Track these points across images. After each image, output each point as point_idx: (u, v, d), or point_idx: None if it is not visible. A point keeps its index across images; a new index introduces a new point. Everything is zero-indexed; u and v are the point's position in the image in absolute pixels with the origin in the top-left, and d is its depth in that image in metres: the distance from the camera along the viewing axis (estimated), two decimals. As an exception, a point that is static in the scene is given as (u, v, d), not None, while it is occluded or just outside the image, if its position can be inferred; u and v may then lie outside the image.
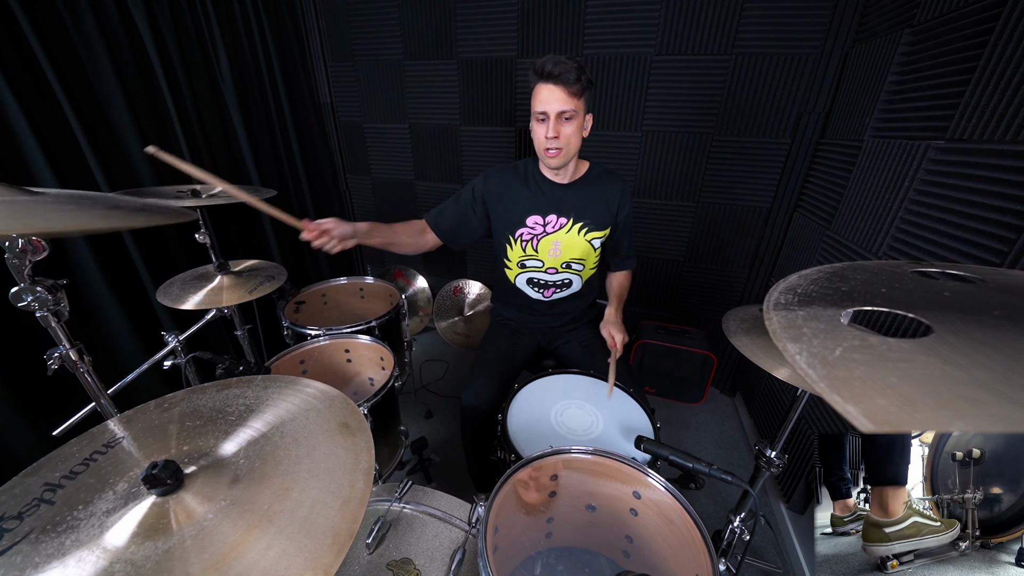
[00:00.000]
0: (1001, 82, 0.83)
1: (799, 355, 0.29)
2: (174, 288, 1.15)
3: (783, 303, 0.37)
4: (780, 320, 0.34)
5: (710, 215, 1.87)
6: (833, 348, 0.29)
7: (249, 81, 1.79)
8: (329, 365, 1.36)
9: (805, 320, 0.33)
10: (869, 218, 1.18)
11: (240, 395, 0.75)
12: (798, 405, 0.84)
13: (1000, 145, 0.83)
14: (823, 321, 0.33)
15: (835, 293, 0.38)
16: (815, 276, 0.43)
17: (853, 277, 0.41)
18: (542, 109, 1.08)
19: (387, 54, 2.03)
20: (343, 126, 2.29)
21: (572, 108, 1.06)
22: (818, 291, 0.39)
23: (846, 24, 1.42)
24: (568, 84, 1.04)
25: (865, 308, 0.35)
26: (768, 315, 0.35)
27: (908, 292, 0.38)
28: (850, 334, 0.30)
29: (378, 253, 2.63)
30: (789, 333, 0.32)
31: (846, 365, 0.27)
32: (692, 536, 0.62)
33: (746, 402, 1.95)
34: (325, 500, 0.55)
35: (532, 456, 0.71)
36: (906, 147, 1.07)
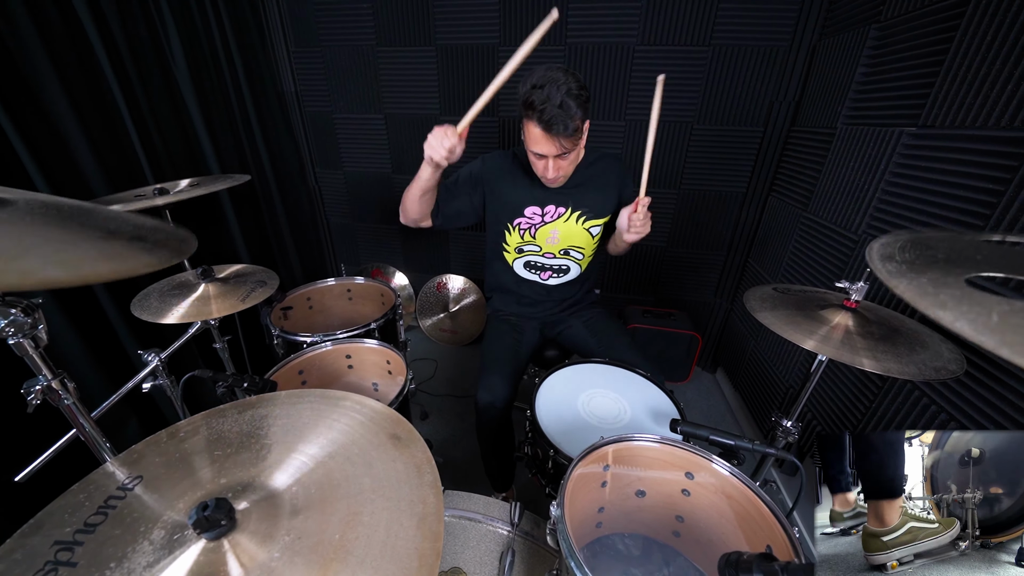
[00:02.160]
0: (969, 73, 0.93)
1: (957, 323, 0.30)
2: (151, 300, 1.02)
3: (894, 271, 0.39)
4: (912, 289, 0.35)
5: (690, 201, 1.95)
6: (987, 313, 0.30)
7: (204, 64, 1.60)
8: (330, 374, 1.27)
9: (935, 287, 0.35)
10: (847, 200, 1.28)
11: (266, 415, 0.68)
12: (816, 373, 0.90)
13: (970, 131, 0.92)
14: (952, 288, 0.34)
15: (934, 261, 0.40)
16: (899, 244, 0.45)
17: (936, 246, 0.44)
18: (537, 151, 1.03)
19: (358, 40, 1.90)
20: (310, 116, 2.13)
21: (570, 148, 1.02)
22: (918, 260, 0.41)
23: (812, 19, 1.52)
24: (566, 136, 0.97)
25: (987, 274, 0.38)
26: (896, 284, 0.36)
27: (999, 258, 0.41)
28: (990, 299, 0.31)
29: (352, 251, 2.50)
30: (929, 301, 0.33)
31: (1012, 330, 0.28)
32: (757, 509, 0.64)
33: (729, 376, 2.07)
34: (399, 520, 0.51)
35: (590, 447, 0.70)
36: (881, 133, 1.17)
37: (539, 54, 1.76)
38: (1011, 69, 0.84)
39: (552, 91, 0.93)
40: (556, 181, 1.14)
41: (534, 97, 0.95)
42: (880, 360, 0.73)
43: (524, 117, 1.01)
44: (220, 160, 1.68)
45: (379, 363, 1.29)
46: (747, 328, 1.88)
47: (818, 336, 0.80)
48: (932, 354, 0.73)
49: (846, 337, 0.79)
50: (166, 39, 1.46)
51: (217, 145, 1.66)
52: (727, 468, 0.69)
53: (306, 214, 2.27)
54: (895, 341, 0.77)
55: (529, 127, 1.01)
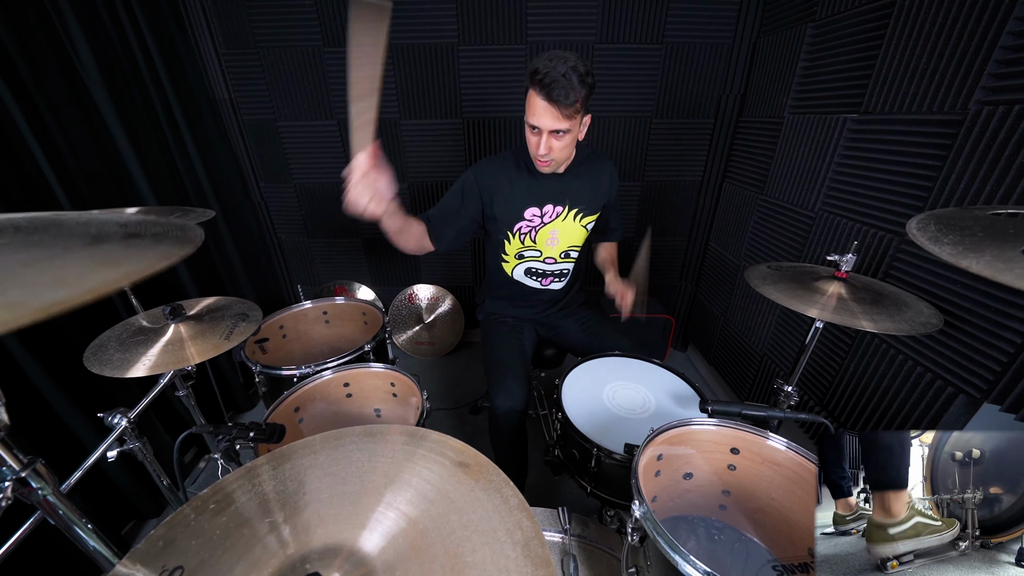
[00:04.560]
0: (902, 64, 1.07)
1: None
2: (109, 352, 0.85)
3: (957, 253, 0.44)
4: (985, 266, 0.40)
5: (653, 192, 2.05)
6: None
7: (121, 71, 1.38)
8: (328, 406, 1.16)
9: (1005, 263, 0.39)
10: (801, 182, 1.43)
11: (308, 466, 0.61)
12: (813, 339, 0.99)
13: (907, 115, 1.07)
14: (1018, 260, 0.39)
15: (977, 238, 0.46)
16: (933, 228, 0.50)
17: (965, 225, 0.50)
18: (534, 123, 1.03)
19: (301, 41, 1.75)
20: (249, 126, 1.92)
21: (567, 127, 1.02)
22: (963, 240, 0.46)
23: (751, 18, 1.67)
24: (565, 106, 0.98)
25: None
26: (968, 264, 0.41)
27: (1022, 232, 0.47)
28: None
29: (309, 271, 2.30)
30: (1015, 275, 0.37)
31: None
32: (807, 470, 0.70)
33: (701, 352, 2.22)
34: (503, 552, 0.49)
35: (650, 436, 0.71)
36: (826, 120, 1.31)
37: (501, 52, 1.76)
38: (938, 60, 0.98)
39: (558, 63, 0.95)
40: (546, 164, 1.12)
41: (539, 65, 0.97)
42: (877, 321, 0.82)
43: (528, 88, 1.01)
44: (150, 179, 1.45)
45: (381, 387, 1.20)
46: (716, 306, 2.03)
47: (818, 305, 0.88)
48: (915, 312, 0.84)
49: (841, 303, 0.88)
50: (71, 45, 1.23)
51: (145, 162, 1.43)
52: (783, 442, 0.73)
53: (253, 234, 2.05)
54: (883, 304, 0.87)
55: (531, 98, 1.01)
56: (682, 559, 0.54)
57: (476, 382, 2.13)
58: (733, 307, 1.88)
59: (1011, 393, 0.87)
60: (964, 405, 0.96)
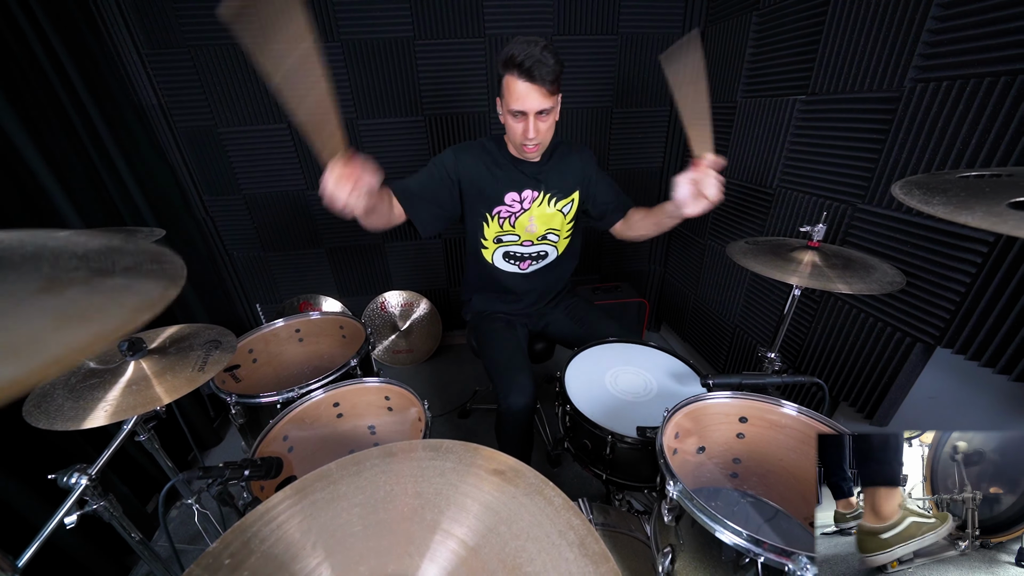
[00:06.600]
0: (843, 47, 1.17)
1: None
2: (57, 400, 0.73)
3: (952, 211, 0.47)
4: (984, 219, 0.43)
5: (618, 180, 2.09)
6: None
7: (23, 78, 1.19)
8: (318, 430, 1.08)
9: (999, 216, 0.43)
10: (758, 161, 1.52)
11: (332, 499, 0.56)
12: (792, 306, 1.06)
13: (851, 95, 1.17)
14: (1010, 213, 0.43)
15: (963, 198, 0.50)
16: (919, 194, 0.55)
17: (946, 188, 0.55)
18: (519, 108, 1.03)
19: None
20: (185, 134, 1.73)
21: (550, 105, 1.05)
22: (951, 201, 0.50)
23: (698, 8, 1.74)
24: (548, 83, 1.01)
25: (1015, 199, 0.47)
26: (967, 220, 0.45)
27: (997, 188, 0.52)
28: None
29: (268, 287, 2.14)
30: (1011, 226, 0.41)
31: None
32: (813, 428, 0.74)
33: (674, 329, 2.32)
34: (561, 555, 0.48)
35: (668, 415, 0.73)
36: (777, 103, 1.40)
37: (460, 45, 1.71)
38: (874, 42, 1.08)
39: (532, 46, 0.98)
40: (534, 149, 1.12)
41: (514, 51, 0.98)
42: (850, 283, 0.89)
43: (505, 76, 1.02)
44: (71, 198, 1.27)
45: (374, 403, 1.14)
46: (686, 285, 2.12)
47: (797, 273, 0.94)
48: (881, 273, 0.92)
49: (816, 270, 0.95)
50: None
51: (62, 178, 1.25)
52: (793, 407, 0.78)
53: (200, 253, 1.86)
54: (853, 268, 0.94)
55: (510, 84, 1.01)
56: (729, 532, 0.55)
57: (461, 385, 2.09)
58: (703, 284, 1.98)
59: (959, 337, 0.98)
60: (921, 352, 1.08)
